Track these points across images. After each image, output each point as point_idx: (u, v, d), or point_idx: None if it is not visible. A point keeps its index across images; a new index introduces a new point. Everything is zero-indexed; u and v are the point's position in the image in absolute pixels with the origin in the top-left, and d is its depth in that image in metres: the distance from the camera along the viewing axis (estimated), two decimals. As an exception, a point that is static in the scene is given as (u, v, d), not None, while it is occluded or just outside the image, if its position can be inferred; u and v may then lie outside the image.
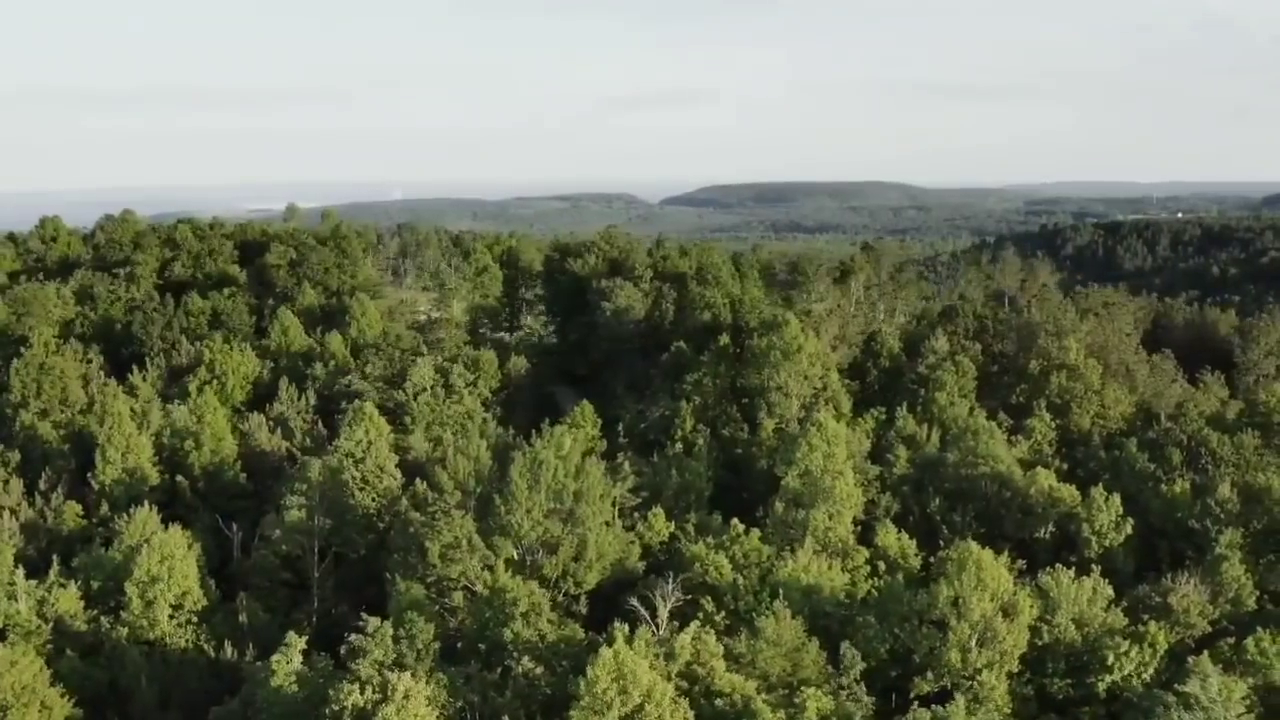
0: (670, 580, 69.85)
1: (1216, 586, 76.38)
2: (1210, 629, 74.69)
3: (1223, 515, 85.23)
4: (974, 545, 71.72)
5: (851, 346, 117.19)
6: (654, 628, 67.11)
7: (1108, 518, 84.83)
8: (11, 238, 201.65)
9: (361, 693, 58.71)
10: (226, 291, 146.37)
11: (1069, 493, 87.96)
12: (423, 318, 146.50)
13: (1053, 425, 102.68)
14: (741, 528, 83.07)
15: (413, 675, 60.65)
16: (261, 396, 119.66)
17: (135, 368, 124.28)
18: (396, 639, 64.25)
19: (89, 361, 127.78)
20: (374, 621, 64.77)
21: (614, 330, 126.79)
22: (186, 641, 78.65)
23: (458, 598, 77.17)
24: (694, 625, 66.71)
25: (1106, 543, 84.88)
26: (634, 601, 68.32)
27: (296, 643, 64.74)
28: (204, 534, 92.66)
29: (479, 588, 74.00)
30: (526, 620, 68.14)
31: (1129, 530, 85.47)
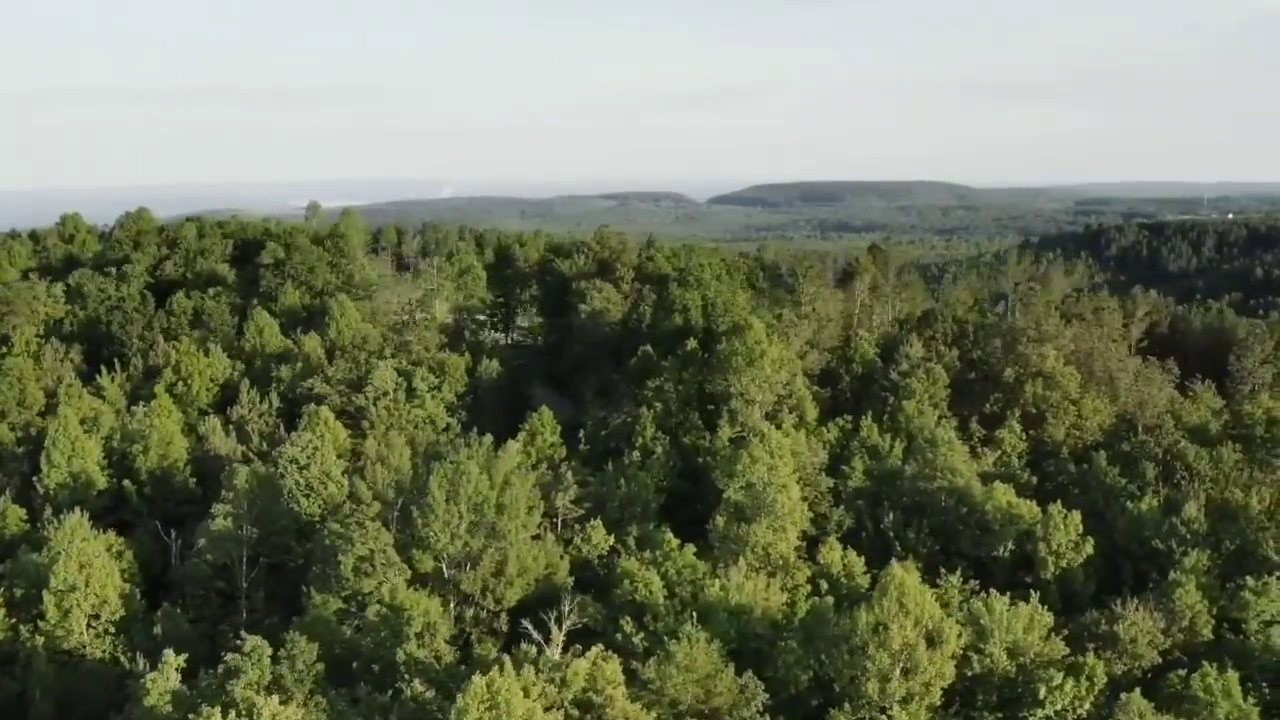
0: (569, 600, 66.30)
1: (1170, 614, 71.38)
2: (1161, 660, 69.90)
3: (1188, 536, 79.99)
4: (898, 567, 67.50)
5: (824, 352, 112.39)
6: (548, 651, 63.59)
7: (1065, 536, 79.95)
8: (34, 235, 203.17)
9: (224, 717, 55.78)
10: (211, 291, 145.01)
11: (1028, 509, 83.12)
12: (405, 318, 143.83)
13: (1025, 437, 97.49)
14: (676, 543, 79.61)
15: (285, 699, 57.88)
16: (231, 399, 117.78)
17: (105, 369, 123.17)
18: (276, 659, 61.41)
19: (68, 361, 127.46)
20: (252, 640, 62.05)
21: (588, 333, 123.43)
22: (103, 652, 76.51)
23: (373, 612, 74.40)
24: (594, 649, 63.20)
25: (1064, 563, 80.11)
26: (526, 623, 64.87)
27: (173, 660, 62.13)
28: (148, 539, 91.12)
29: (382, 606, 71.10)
30: (421, 640, 65.08)
31: (1089, 550, 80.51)
